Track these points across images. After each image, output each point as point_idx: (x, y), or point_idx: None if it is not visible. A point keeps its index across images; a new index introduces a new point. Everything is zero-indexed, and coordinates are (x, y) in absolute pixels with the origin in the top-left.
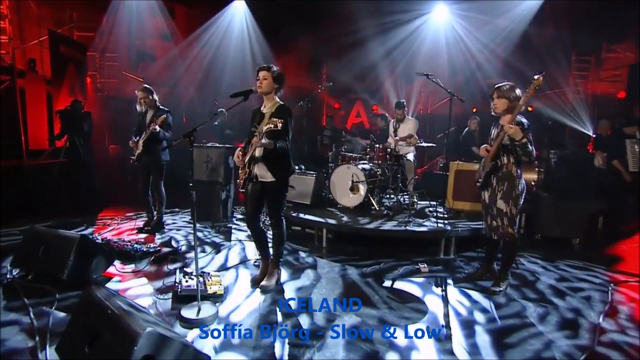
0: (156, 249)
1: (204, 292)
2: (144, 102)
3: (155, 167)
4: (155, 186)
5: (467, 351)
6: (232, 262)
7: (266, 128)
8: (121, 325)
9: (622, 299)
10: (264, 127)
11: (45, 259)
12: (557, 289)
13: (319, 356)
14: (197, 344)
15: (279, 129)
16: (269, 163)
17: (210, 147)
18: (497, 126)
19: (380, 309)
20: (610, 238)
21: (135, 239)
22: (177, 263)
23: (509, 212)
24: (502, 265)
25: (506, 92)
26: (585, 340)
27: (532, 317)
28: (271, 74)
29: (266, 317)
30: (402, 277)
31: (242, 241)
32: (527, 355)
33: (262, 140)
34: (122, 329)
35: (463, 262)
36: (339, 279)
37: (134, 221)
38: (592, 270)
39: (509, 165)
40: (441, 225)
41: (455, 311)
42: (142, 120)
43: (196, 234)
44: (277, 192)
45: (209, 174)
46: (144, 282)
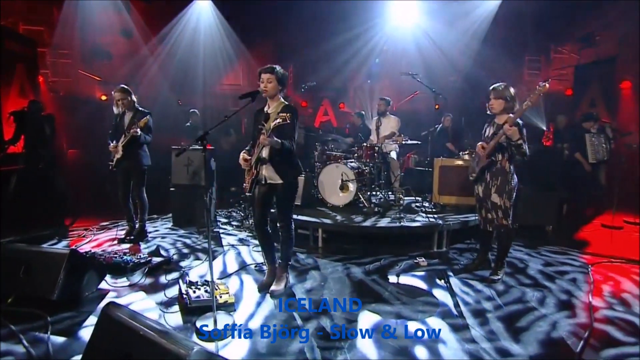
0: (147, 259)
1: (211, 302)
2: (121, 104)
3: (136, 172)
4: (137, 192)
5: (487, 338)
6: (231, 268)
7: (274, 124)
8: (161, 346)
9: (601, 278)
10: (271, 124)
11: (28, 280)
12: (546, 274)
13: (351, 356)
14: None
15: (288, 122)
16: (277, 164)
17: (191, 150)
18: (492, 125)
19: (394, 305)
20: (576, 223)
21: (121, 250)
22: (173, 273)
23: (503, 205)
24: (498, 255)
25: (502, 92)
26: (583, 318)
27: (533, 301)
28: (275, 75)
29: (286, 321)
30: (404, 272)
31: (235, 246)
32: (540, 337)
33: (269, 139)
34: (164, 350)
35: (456, 254)
36: (344, 278)
37: (111, 231)
38: (569, 254)
39: (503, 161)
40: (433, 220)
41: (463, 301)
42: (119, 122)
43: (210, 243)
44: (286, 194)
45: (190, 178)
46: (143, 296)
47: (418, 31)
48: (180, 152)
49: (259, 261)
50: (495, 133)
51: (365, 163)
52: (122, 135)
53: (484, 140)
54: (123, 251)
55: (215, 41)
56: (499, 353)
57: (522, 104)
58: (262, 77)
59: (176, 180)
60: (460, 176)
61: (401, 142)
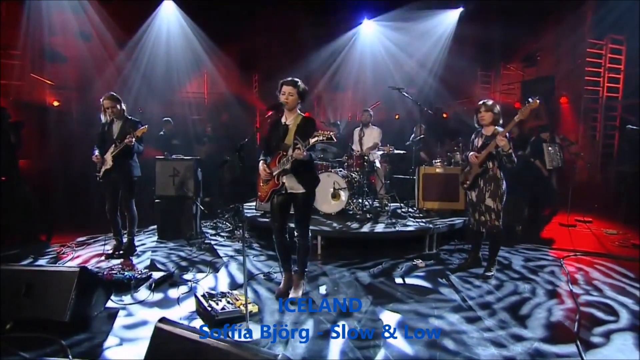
0: (147, 274)
1: (239, 312)
2: (110, 112)
3: (126, 183)
4: (126, 205)
5: (499, 326)
6: (239, 279)
7: (314, 140)
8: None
9: (573, 269)
10: (311, 140)
11: (31, 302)
12: (529, 268)
13: (390, 353)
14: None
15: (331, 137)
16: (299, 174)
17: (177, 160)
18: (480, 136)
19: (409, 304)
20: (539, 223)
21: (115, 266)
22: (181, 287)
23: (496, 208)
24: (490, 253)
25: (492, 106)
26: (571, 304)
27: (526, 293)
28: (297, 89)
29: (317, 325)
30: (407, 274)
31: (233, 256)
32: (542, 322)
33: (305, 153)
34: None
35: (446, 255)
36: (354, 282)
37: (91, 247)
38: (542, 250)
39: (494, 169)
40: (423, 224)
41: (468, 296)
42: (106, 131)
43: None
44: (306, 202)
45: (177, 189)
46: (157, 313)
47: (383, 45)
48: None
49: (263, 270)
50: (485, 143)
51: (355, 171)
52: (110, 145)
53: (474, 150)
54: (119, 267)
55: (179, 48)
56: (514, 338)
57: (512, 118)
58: (283, 89)
59: (161, 192)
60: (443, 183)
61: (389, 151)
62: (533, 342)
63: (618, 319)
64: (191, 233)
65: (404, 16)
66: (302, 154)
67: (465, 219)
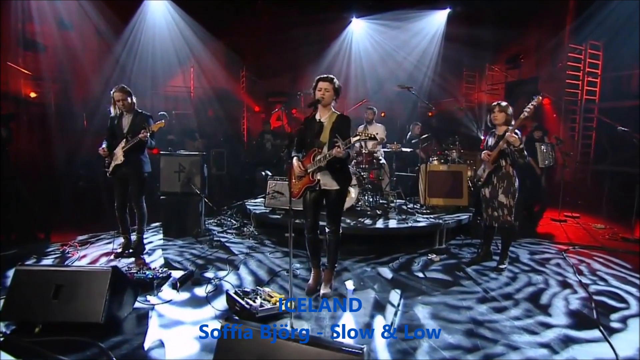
0: (167, 273)
1: (277, 309)
2: (121, 105)
3: (136, 179)
4: (136, 201)
5: (526, 315)
6: (262, 276)
7: (355, 139)
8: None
9: (576, 261)
10: (352, 139)
11: (62, 304)
12: (537, 261)
13: (434, 342)
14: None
15: (373, 137)
16: (334, 171)
17: (182, 155)
18: (493, 136)
19: (437, 296)
20: (534, 219)
21: (131, 265)
22: (208, 285)
23: (509, 204)
24: (503, 247)
25: (505, 108)
26: (583, 293)
27: (540, 284)
28: (333, 85)
29: (356, 320)
30: (425, 268)
31: (249, 253)
32: (564, 310)
33: (344, 151)
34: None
35: (456, 249)
36: (377, 277)
37: (95, 246)
38: (544, 244)
39: (506, 166)
40: (432, 220)
41: (488, 287)
42: (116, 125)
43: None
44: (339, 199)
45: (182, 185)
46: (190, 312)
47: (371, 44)
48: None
49: (282, 266)
50: (497, 142)
51: (364, 168)
52: (120, 139)
53: (487, 149)
54: (136, 266)
55: (166, 40)
56: (542, 326)
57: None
58: (319, 85)
59: (166, 188)
60: (447, 180)
61: (397, 149)
62: (560, 329)
63: (629, 306)
64: (198, 230)
65: (393, 16)
66: (342, 152)
67: (470, 214)
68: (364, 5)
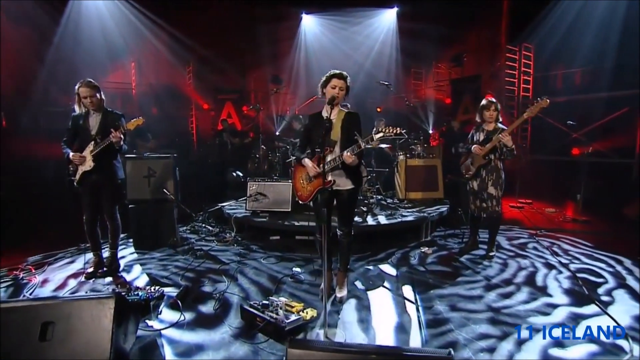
0: (160, 292)
1: (303, 320)
2: (89, 102)
3: (109, 188)
4: (110, 213)
5: (532, 298)
6: (266, 285)
7: (379, 136)
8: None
9: (548, 244)
10: (375, 136)
11: (55, 345)
12: (517, 246)
13: (466, 333)
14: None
15: (400, 133)
16: (348, 170)
17: (152, 158)
18: (481, 131)
19: (446, 288)
20: None
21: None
22: (209, 302)
23: (497, 195)
24: (490, 236)
25: (496, 105)
26: (567, 272)
27: (529, 267)
28: (346, 83)
29: (388, 320)
30: (421, 262)
31: (240, 261)
32: (560, 290)
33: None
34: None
35: (442, 240)
36: (382, 274)
37: (53, 267)
38: (515, 230)
39: (495, 160)
40: (418, 214)
41: (487, 275)
42: (81, 125)
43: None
44: (352, 199)
45: (153, 191)
46: (206, 333)
47: (321, 40)
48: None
49: (283, 272)
50: (486, 138)
51: None
52: (87, 142)
53: (475, 143)
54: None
55: (103, 32)
56: (550, 307)
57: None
58: (334, 82)
59: (134, 195)
60: (424, 174)
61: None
62: (565, 307)
63: (607, 280)
64: (174, 240)
65: (343, 13)
66: (353, 158)
67: (447, 206)
68: (314, 1)
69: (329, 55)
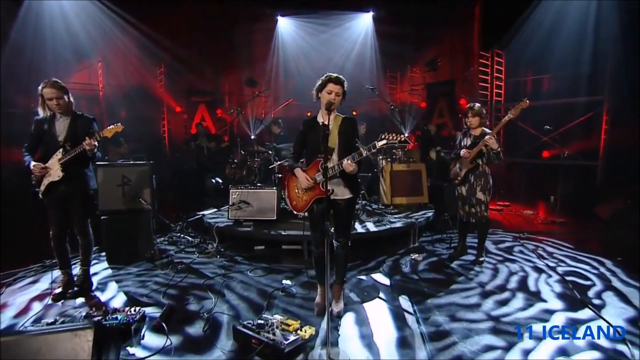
0: (140, 312)
1: (302, 339)
2: (55, 105)
3: (81, 199)
4: (81, 226)
5: (528, 304)
6: (257, 301)
7: (382, 144)
8: None
9: (532, 247)
10: (378, 143)
11: None
12: (503, 249)
13: (470, 344)
14: None
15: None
16: (347, 179)
17: (127, 165)
18: (468, 136)
19: (443, 297)
20: None
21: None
22: (197, 322)
23: (486, 200)
24: (480, 241)
25: (478, 110)
26: (557, 275)
27: (519, 272)
28: (343, 88)
29: (390, 335)
30: (413, 269)
31: (225, 274)
32: (553, 294)
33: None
34: None
35: (430, 246)
36: (376, 285)
37: (13, 288)
38: (499, 234)
39: (483, 165)
40: (405, 219)
41: (481, 282)
42: (46, 130)
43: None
44: (351, 208)
45: (128, 201)
46: (198, 357)
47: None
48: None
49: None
50: (473, 142)
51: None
52: (55, 149)
53: (462, 148)
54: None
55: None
56: (547, 313)
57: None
58: (330, 87)
59: (107, 206)
60: (408, 179)
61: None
62: (561, 313)
63: (594, 283)
64: (151, 252)
65: (319, 15)
66: (353, 166)
67: (433, 211)
68: (289, 4)
69: (307, 57)
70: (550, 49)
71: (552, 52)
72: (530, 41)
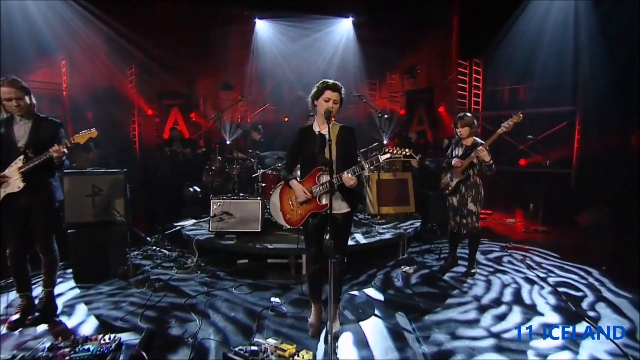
0: (117, 339)
1: None
2: (14, 107)
3: (44, 213)
4: (45, 243)
5: (527, 318)
6: (245, 321)
7: (385, 158)
8: None
9: (520, 256)
10: (381, 157)
11: None
12: (493, 260)
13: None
14: None
15: (411, 155)
16: (345, 192)
17: (97, 174)
18: (460, 146)
19: (440, 313)
20: None
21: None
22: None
23: (477, 211)
24: (471, 252)
25: (468, 120)
26: (548, 286)
27: (512, 284)
28: (341, 95)
29: (391, 357)
30: (405, 283)
31: (208, 292)
32: (548, 305)
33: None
34: None
35: (419, 257)
36: (370, 300)
37: None
38: (486, 243)
39: (474, 176)
40: (394, 230)
41: (476, 295)
42: (4, 135)
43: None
44: (349, 222)
45: (98, 212)
46: None
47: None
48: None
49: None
50: (465, 153)
51: None
52: (14, 156)
53: (454, 158)
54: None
55: (30, 22)
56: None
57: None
58: (327, 94)
59: (74, 218)
60: (395, 189)
61: None
62: (560, 327)
63: (586, 294)
64: (124, 268)
65: (297, 19)
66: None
67: (420, 221)
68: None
69: (287, 62)
70: (528, 60)
71: (529, 62)
72: (508, 51)
